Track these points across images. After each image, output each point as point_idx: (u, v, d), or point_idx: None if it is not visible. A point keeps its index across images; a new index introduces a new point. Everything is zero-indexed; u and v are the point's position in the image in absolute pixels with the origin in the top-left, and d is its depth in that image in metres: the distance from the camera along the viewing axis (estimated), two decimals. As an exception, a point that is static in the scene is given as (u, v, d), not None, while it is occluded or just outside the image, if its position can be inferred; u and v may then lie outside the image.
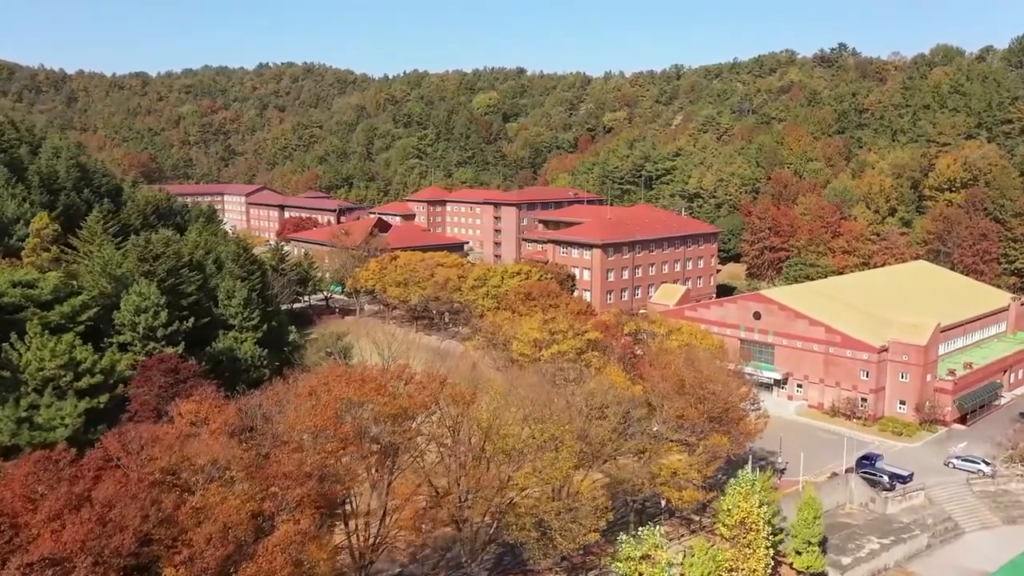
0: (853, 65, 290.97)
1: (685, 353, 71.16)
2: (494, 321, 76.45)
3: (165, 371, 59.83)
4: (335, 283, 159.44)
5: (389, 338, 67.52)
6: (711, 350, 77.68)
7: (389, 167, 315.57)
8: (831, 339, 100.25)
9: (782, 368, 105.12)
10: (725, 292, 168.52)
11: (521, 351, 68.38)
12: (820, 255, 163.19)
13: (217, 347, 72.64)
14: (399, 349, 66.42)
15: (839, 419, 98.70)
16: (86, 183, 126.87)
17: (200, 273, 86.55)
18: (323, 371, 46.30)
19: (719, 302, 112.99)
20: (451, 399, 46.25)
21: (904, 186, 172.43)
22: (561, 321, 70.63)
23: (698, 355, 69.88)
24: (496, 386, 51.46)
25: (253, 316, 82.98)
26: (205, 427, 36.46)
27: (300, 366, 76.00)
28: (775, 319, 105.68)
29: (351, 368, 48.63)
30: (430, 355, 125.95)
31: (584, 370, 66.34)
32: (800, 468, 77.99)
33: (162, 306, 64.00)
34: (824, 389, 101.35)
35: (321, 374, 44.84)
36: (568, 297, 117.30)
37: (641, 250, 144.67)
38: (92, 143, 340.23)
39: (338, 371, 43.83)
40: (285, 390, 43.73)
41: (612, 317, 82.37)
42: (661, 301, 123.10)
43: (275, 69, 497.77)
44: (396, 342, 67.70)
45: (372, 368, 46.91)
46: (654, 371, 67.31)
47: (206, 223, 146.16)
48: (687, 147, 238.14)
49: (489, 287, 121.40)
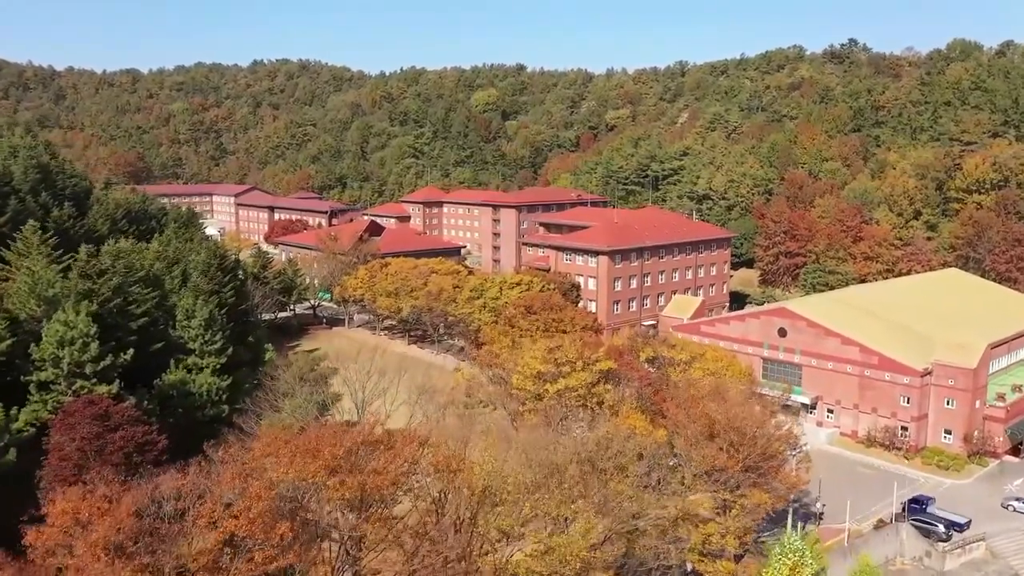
0: (865, 61, 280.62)
1: (713, 386, 60.89)
2: (491, 349, 66.07)
3: (92, 417, 49.45)
4: (323, 290, 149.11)
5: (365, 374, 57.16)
6: (742, 380, 67.40)
7: (384, 166, 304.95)
8: (867, 360, 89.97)
9: (811, 391, 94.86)
10: (737, 300, 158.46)
11: (522, 386, 58.22)
12: (840, 261, 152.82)
13: (167, 380, 62.28)
14: (375, 390, 56.24)
15: (876, 450, 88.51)
16: (48, 185, 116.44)
17: (157, 289, 76.24)
18: (265, 438, 36.07)
19: (740, 316, 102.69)
20: (433, 467, 35.90)
21: (929, 187, 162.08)
22: (569, 349, 60.31)
23: (729, 389, 59.54)
24: (491, 443, 41.07)
25: (215, 339, 72.64)
26: (83, 537, 26.21)
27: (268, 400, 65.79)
28: (803, 337, 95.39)
29: (306, 428, 38.37)
30: (421, 371, 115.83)
31: (596, 409, 55.92)
32: (839, 510, 67.98)
33: (92, 336, 53.70)
34: (859, 416, 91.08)
35: (263, 442, 34.63)
36: (573, 310, 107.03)
37: (650, 257, 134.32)
38: (78, 141, 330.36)
39: (281, 440, 33.58)
40: (207, 475, 33.25)
41: (626, 341, 72.10)
42: (674, 314, 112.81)
43: (270, 66, 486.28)
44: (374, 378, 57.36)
45: (332, 429, 36.59)
46: (679, 410, 57.00)
47: (181, 228, 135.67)
48: (695, 146, 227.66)
49: (487, 299, 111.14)
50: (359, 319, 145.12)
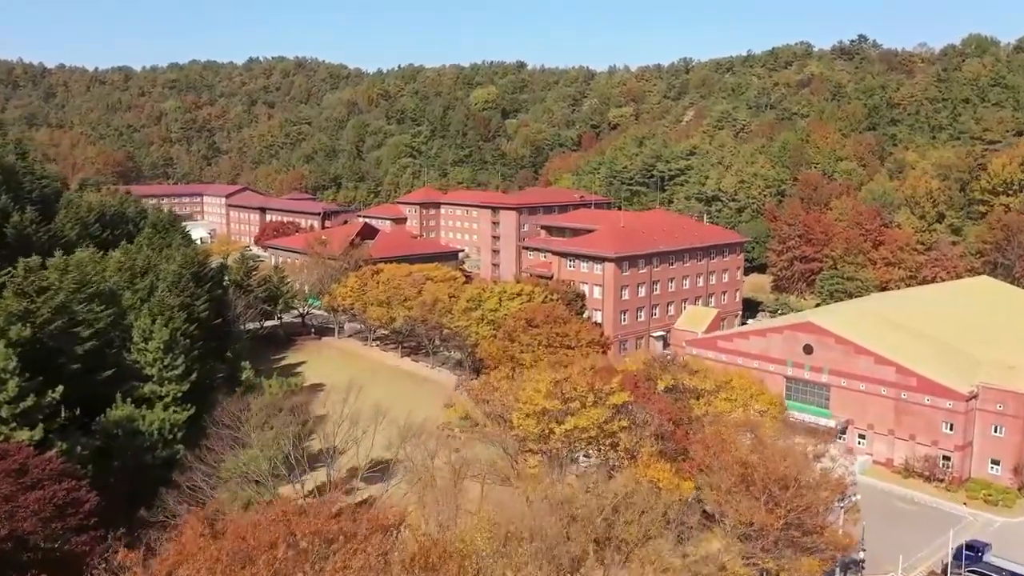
0: (877, 57, 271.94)
1: (745, 423, 52.38)
2: (488, 381, 57.41)
3: (4, 473, 40.91)
4: (313, 296, 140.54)
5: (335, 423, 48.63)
6: (775, 410, 58.88)
7: (380, 166, 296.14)
8: (904, 381, 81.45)
9: (840, 414, 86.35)
10: (749, 307, 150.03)
11: (524, 427, 49.76)
12: (859, 267, 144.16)
13: (111, 416, 53.67)
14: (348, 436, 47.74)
15: (914, 481, 79.99)
16: (11, 187, 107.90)
17: (113, 307, 67.67)
18: (187, 533, 27.56)
19: (761, 331, 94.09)
20: (407, 567, 27.34)
21: (952, 188, 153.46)
22: (578, 380, 51.78)
23: (765, 428, 51.03)
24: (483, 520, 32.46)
25: (176, 364, 64.04)
26: None
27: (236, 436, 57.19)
28: (831, 354, 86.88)
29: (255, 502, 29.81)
30: (412, 387, 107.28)
31: (610, 454, 47.43)
32: (881, 554, 59.58)
33: (12, 371, 45.28)
34: (894, 442, 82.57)
35: (179, 544, 26.19)
36: (578, 323, 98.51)
37: (660, 263, 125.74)
38: (65, 140, 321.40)
39: (200, 545, 25.12)
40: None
41: (641, 366, 63.48)
42: (687, 327, 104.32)
43: (265, 64, 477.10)
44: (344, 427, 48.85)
45: (275, 517, 27.99)
46: (706, 452, 48.50)
47: (159, 232, 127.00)
48: (702, 145, 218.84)
49: (484, 310, 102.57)
50: (351, 328, 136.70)
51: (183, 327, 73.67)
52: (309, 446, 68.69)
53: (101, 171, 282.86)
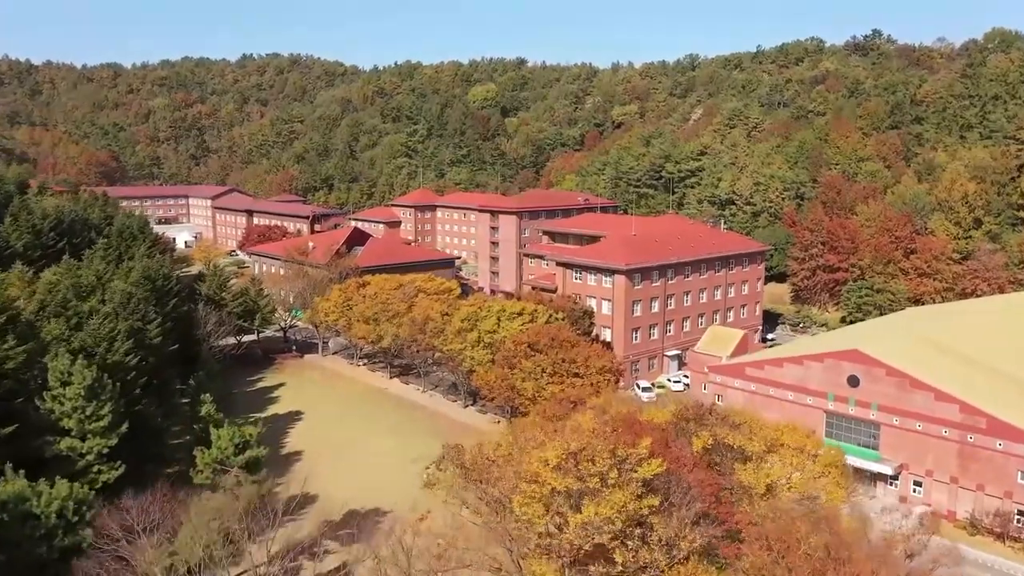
0: (895, 53, 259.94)
1: (810, 509, 40.51)
2: (482, 453, 45.27)
3: None
4: (297, 308, 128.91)
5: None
6: (837, 478, 47.03)
7: (374, 166, 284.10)
8: (971, 422, 69.67)
9: (892, 457, 74.53)
10: (768, 319, 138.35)
11: (528, 515, 37.93)
12: (890, 277, 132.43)
13: None
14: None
15: (983, 538, 68.16)
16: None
17: (30, 341, 55.86)
18: None
19: (797, 359, 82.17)
20: None
21: (989, 192, 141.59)
22: (599, 448, 39.91)
23: (839, 518, 39.20)
24: None
25: (102, 413, 52.24)
26: None
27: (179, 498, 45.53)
28: (881, 387, 75.09)
29: None
30: (395, 418, 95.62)
31: (642, 552, 35.64)
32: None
33: None
34: (958, 492, 70.80)
35: None
36: (587, 347, 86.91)
37: (675, 275, 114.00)
38: (46, 139, 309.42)
39: None
40: None
41: (672, 418, 51.57)
42: (709, 351, 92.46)
43: (259, 61, 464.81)
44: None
45: None
46: (769, 558, 36.67)
47: (124, 240, 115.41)
48: (713, 144, 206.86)
49: (481, 332, 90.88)
50: (337, 344, 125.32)
51: (123, 360, 62.01)
52: (276, 495, 57.32)
53: (83, 171, 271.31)
